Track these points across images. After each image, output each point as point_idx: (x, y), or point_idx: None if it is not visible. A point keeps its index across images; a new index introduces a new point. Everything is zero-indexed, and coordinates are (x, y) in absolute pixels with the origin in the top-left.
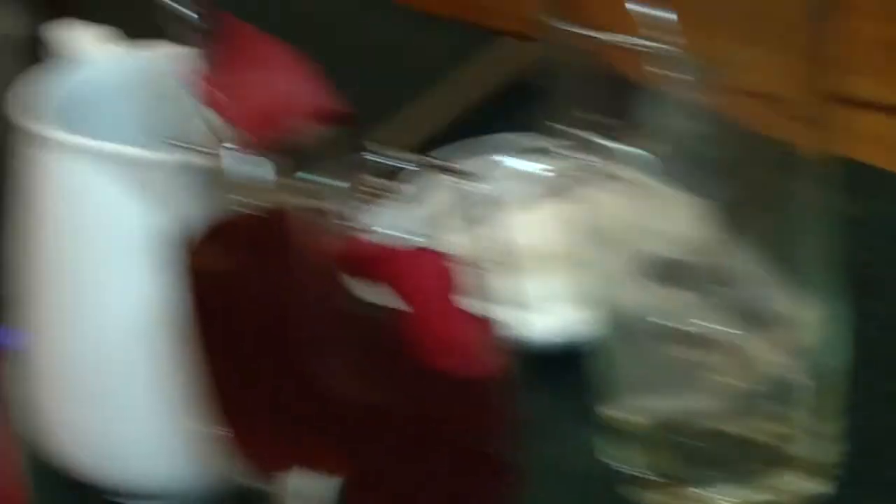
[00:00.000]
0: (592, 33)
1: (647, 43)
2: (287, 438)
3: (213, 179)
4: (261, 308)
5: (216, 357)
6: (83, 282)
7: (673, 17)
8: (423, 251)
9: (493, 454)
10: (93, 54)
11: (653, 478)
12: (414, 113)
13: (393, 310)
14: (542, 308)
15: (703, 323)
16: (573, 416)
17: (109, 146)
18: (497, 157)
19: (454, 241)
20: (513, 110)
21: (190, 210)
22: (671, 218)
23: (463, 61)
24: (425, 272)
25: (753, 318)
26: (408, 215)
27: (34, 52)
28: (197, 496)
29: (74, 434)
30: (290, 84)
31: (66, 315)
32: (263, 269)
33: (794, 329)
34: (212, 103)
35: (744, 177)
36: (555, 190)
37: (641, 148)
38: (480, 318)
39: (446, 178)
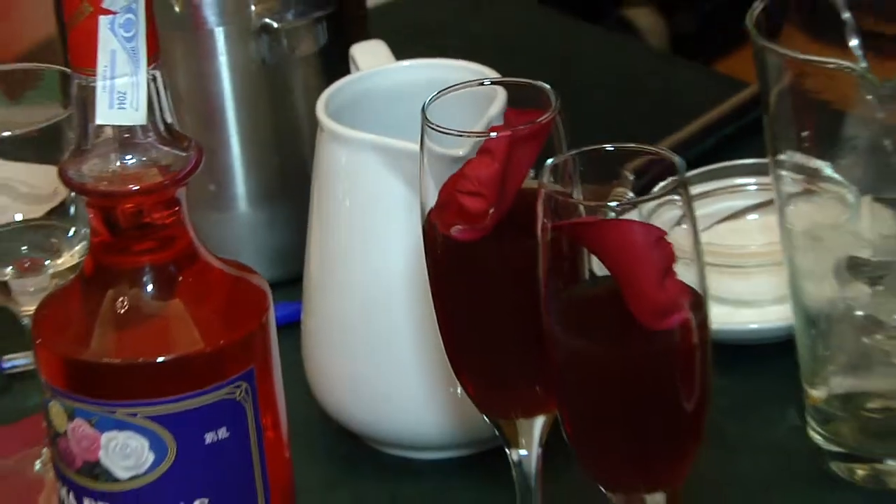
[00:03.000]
0: (800, 56)
1: (848, 65)
2: (515, 387)
3: None
4: (497, 272)
5: (455, 315)
6: (355, 252)
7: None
8: (631, 223)
9: (687, 414)
10: (378, 68)
11: (852, 452)
12: (669, 142)
13: (613, 276)
14: (758, 303)
15: (890, 314)
16: (783, 398)
17: (382, 139)
18: (730, 179)
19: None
20: (744, 137)
21: (431, 192)
22: (867, 223)
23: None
24: (631, 241)
25: None
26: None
27: (338, 67)
28: (456, 446)
29: (348, 390)
30: None
31: (342, 283)
32: (504, 239)
33: None
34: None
35: None
36: (774, 202)
37: (843, 163)
38: (687, 287)
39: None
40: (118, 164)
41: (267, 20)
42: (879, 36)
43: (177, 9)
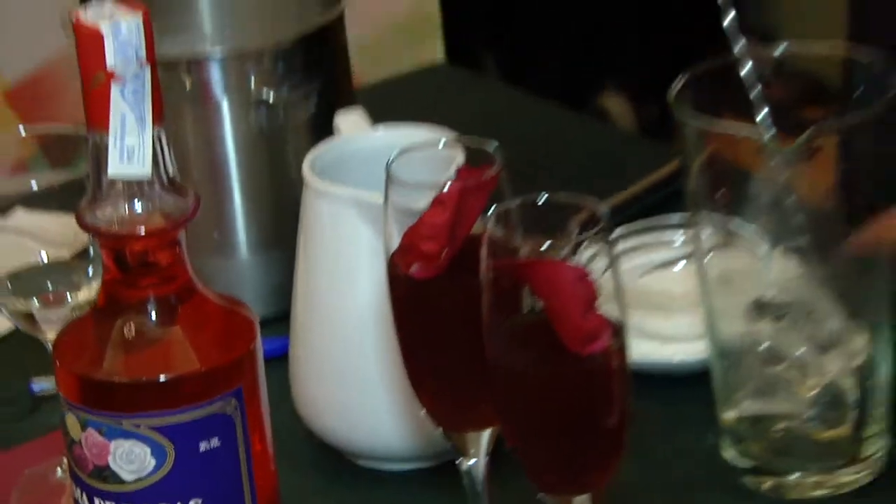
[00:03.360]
0: (714, 127)
1: (755, 135)
2: (465, 405)
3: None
4: (449, 306)
5: (414, 343)
6: (332, 290)
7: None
8: (560, 263)
9: (610, 427)
10: (358, 133)
11: (760, 467)
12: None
13: (546, 309)
14: (680, 339)
15: (791, 347)
16: (702, 421)
17: (356, 193)
18: (658, 232)
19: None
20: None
21: (395, 238)
22: (773, 269)
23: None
24: (563, 279)
25: (825, 342)
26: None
27: (324, 132)
28: (420, 458)
29: (327, 409)
30: None
31: (321, 317)
32: (455, 277)
33: (850, 350)
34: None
35: (817, 234)
36: (692, 252)
37: (752, 218)
38: (607, 319)
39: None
40: (127, 210)
41: (264, 94)
42: (785, 108)
43: (188, 85)
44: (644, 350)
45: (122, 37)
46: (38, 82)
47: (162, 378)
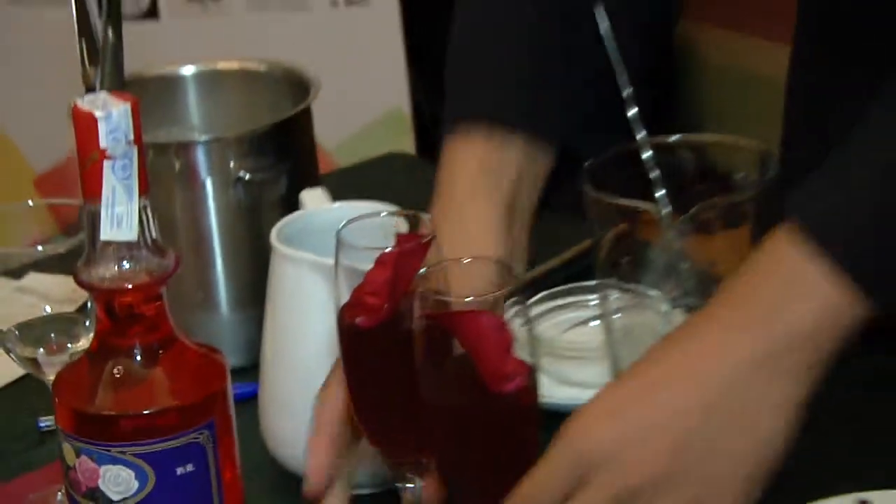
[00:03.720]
0: (617, 202)
1: (653, 210)
2: (402, 438)
3: None
4: (389, 351)
5: (359, 383)
6: (293, 339)
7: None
8: (481, 313)
9: (524, 454)
10: (318, 206)
11: None
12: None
13: (470, 353)
14: (594, 385)
15: None
16: None
17: (313, 257)
18: (578, 294)
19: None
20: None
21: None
22: (670, 323)
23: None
24: (480, 326)
25: None
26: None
27: (290, 205)
28: (368, 484)
29: (289, 440)
30: None
31: (284, 362)
32: (394, 326)
33: None
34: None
35: (706, 294)
36: (602, 312)
37: (652, 281)
38: (523, 362)
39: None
40: (117, 269)
41: (241, 174)
42: (679, 187)
43: (177, 166)
44: (566, 395)
45: (113, 122)
46: (63, 170)
47: (145, 412)
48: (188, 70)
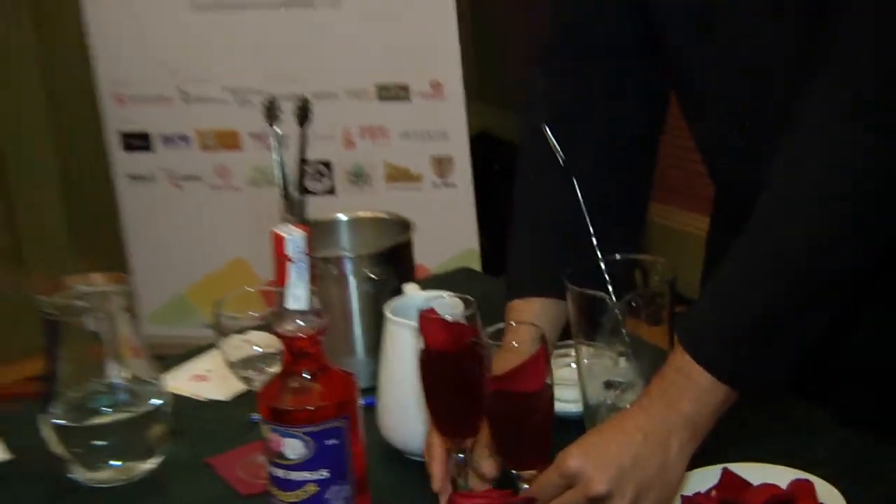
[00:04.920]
0: (584, 293)
1: (606, 298)
2: (459, 424)
3: None
4: (451, 370)
5: (432, 390)
6: (395, 368)
7: None
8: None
9: (543, 430)
10: (412, 294)
11: None
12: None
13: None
14: (575, 402)
15: (623, 402)
16: None
17: (408, 322)
18: (565, 348)
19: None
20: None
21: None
22: (618, 363)
23: None
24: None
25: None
26: None
27: (397, 292)
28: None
29: (393, 426)
30: None
31: (391, 382)
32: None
33: None
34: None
35: (636, 348)
36: (576, 358)
37: (604, 339)
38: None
39: None
40: (294, 325)
41: (370, 274)
42: (622, 283)
43: (334, 271)
44: (557, 405)
45: (294, 241)
46: (204, 287)
47: (309, 408)
48: (342, 217)
